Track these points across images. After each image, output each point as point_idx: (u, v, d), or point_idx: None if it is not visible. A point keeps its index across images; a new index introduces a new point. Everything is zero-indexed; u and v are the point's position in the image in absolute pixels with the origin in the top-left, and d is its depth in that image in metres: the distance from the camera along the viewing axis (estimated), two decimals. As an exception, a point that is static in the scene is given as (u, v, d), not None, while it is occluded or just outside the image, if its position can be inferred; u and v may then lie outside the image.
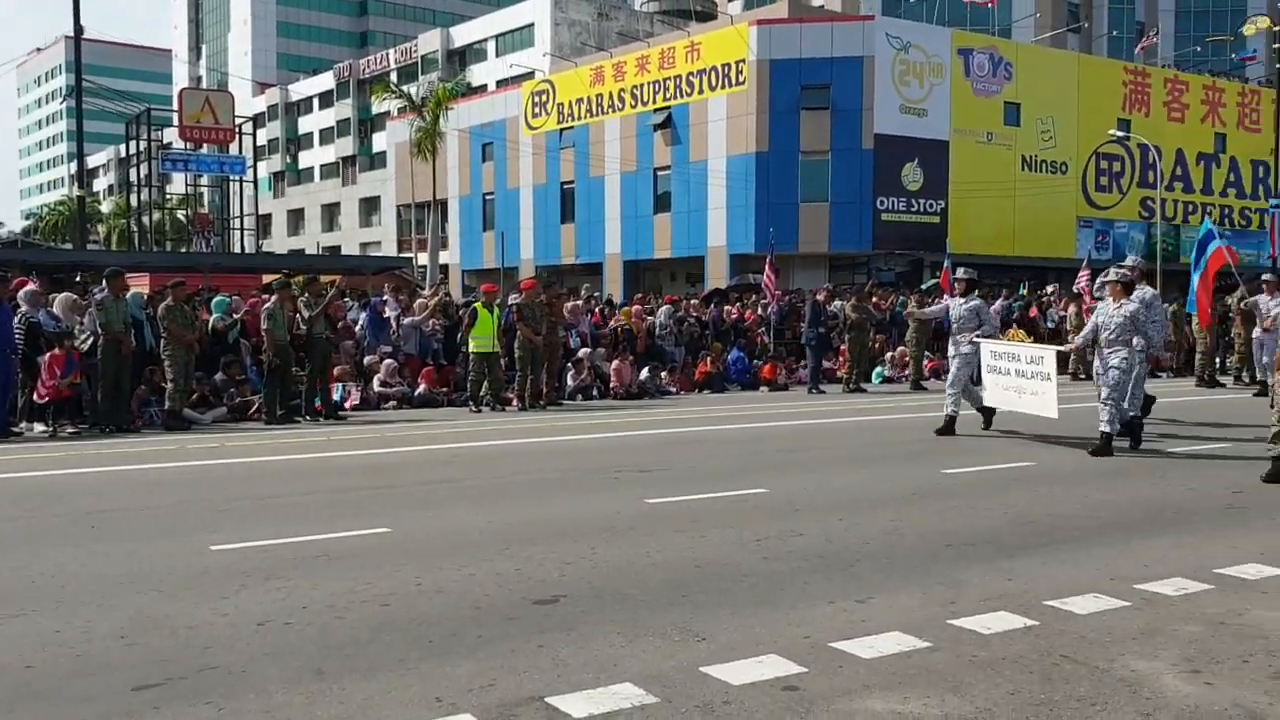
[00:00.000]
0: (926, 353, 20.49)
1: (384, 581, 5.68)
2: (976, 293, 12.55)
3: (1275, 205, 35.94)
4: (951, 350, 12.33)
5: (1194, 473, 9.44)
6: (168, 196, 59.00)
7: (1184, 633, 4.79)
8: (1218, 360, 20.45)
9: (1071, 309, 21.61)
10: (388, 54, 77.78)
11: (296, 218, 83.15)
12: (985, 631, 4.79)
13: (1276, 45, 36.76)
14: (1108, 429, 10.39)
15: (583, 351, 17.82)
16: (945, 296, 15.67)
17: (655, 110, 43.36)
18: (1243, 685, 4.15)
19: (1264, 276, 16.04)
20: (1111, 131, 41.44)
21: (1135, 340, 10.57)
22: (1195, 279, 14.68)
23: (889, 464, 10.05)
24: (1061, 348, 12.17)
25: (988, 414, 12.18)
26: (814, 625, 4.88)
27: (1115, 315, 10.55)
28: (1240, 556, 6.15)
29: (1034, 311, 24.16)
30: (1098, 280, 12.60)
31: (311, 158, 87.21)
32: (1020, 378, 11.15)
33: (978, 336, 11.94)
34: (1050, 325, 23.38)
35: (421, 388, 16.29)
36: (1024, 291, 27.64)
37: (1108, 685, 4.15)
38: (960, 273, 12.73)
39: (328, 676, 4.27)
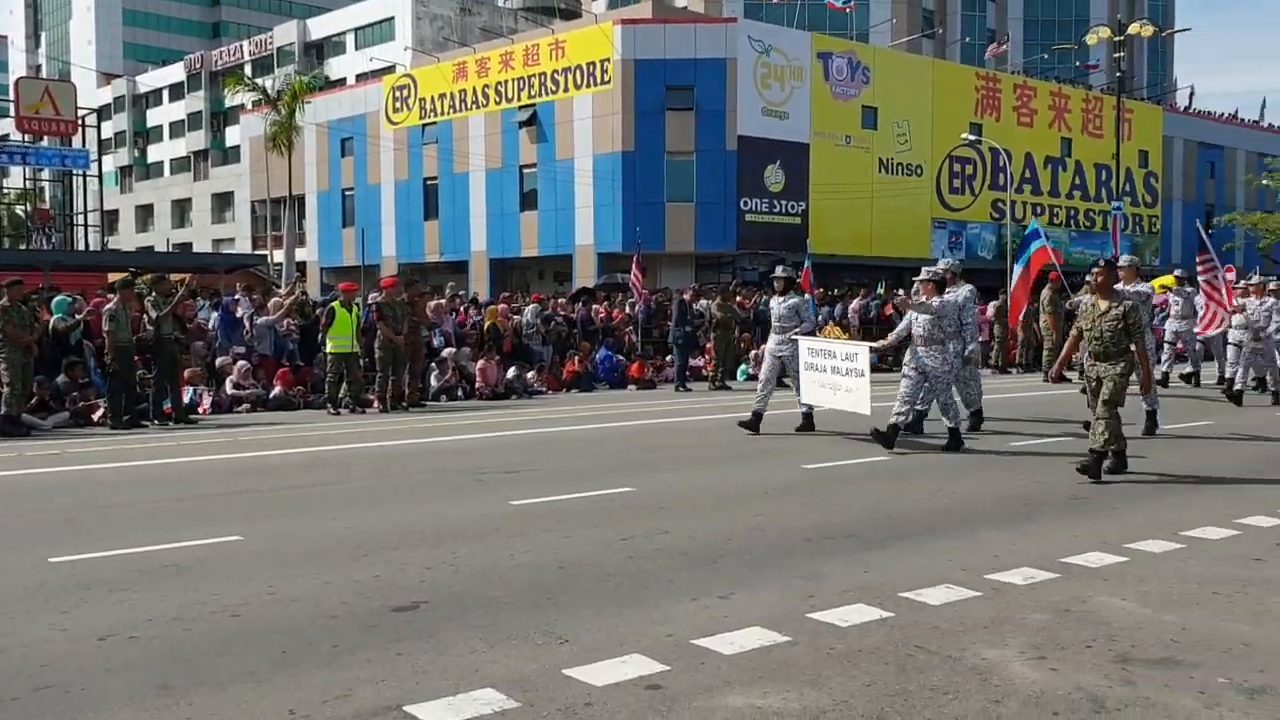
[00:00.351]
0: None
1: (235, 591, 5.48)
2: (793, 291, 12.55)
3: (1117, 208, 37.86)
4: (771, 346, 12.39)
5: (1041, 466, 9.82)
6: (5, 190, 56.05)
7: (1031, 621, 4.96)
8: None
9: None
10: (242, 45, 75.45)
11: (145, 214, 79.92)
12: (843, 624, 4.88)
13: (1117, 55, 38.55)
14: (895, 419, 10.50)
15: (447, 351, 17.56)
16: (805, 296, 15.94)
17: (520, 107, 43.08)
18: (1085, 670, 4.31)
19: (1087, 277, 16.69)
20: (964, 135, 42.92)
21: (952, 344, 10.79)
22: (1016, 276, 15.06)
23: (753, 461, 10.18)
24: (875, 344, 12.27)
25: (807, 419, 12.07)
26: (677, 623, 4.90)
27: (923, 313, 10.64)
28: (1083, 545, 6.41)
29: (889, 309, 24.85)
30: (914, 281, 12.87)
31: (161, 151, 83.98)
32: (836, 375, 11.13)
33: (796, 334, 11.94)
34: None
35: (277, 390, 15.81)
36: (881, 291, 28.41)
37: (959, 674, 4.27)
38: (779, 270, 12.81)
39: (174, 692, 4.09)
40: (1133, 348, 8.94)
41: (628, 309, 22.61)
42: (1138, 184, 52.76)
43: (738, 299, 22.14)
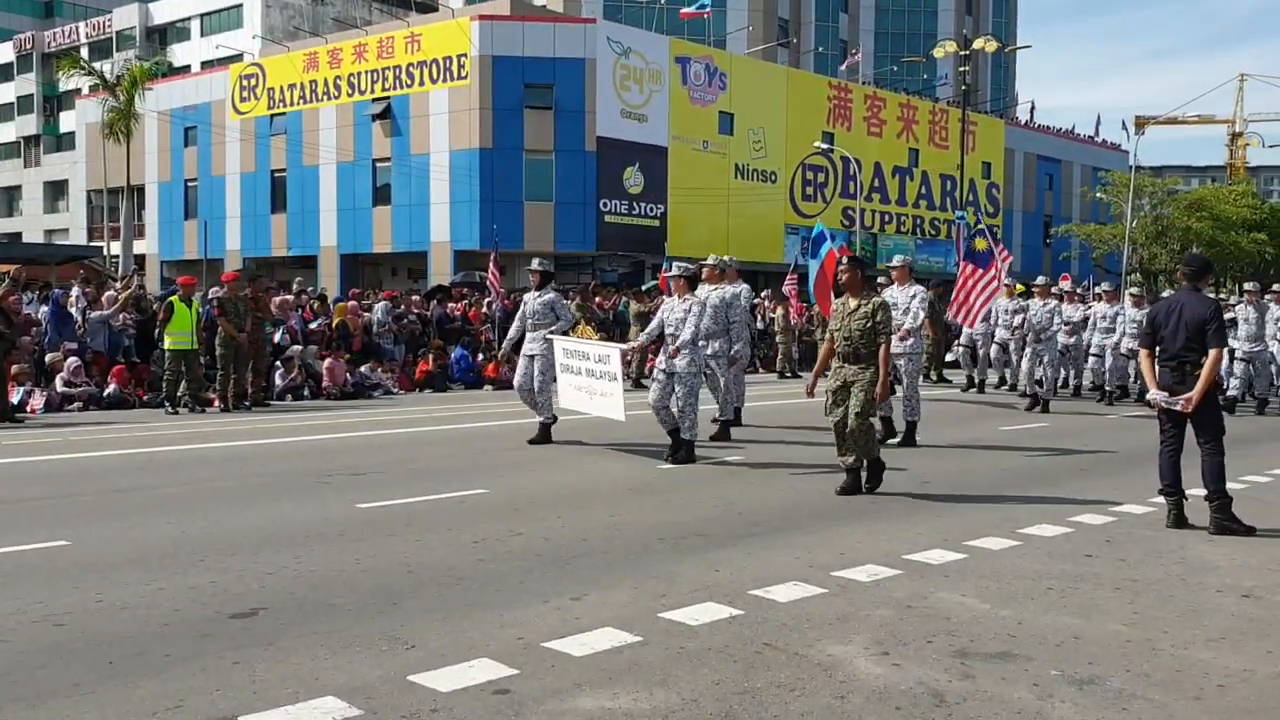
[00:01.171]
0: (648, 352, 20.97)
1: (60, 599, 5.17)
2: (552, 285, 11.44)
3: (960, 217, 39.31)
4: (525, 348, 11.17)
5: (888, 464, 10.07)
6: None
7: (875, 617, 5.07)
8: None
9: (779, 310, 22.75)
10: (78, 27, 71.76)
11: (-31, 201, 75.34)
12: (693, 623, 4.89)
13: (962, 69, 40.07)
14: (687, 436, 9.80)
15: (293, 349, 17.04)
16: (663, 297, 15.95)
17: (374, 100, 42.23)
18: (926, 664, 4.42)
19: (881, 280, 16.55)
20: (816, 144, 43.99)
21: (712, 344, 10.68)
22: (813, 280, 15.04)
23: (610, 461, 10.15)
24: (626, 345, 11.44)
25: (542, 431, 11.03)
26: (528, 626, 4.83)
27: (676, 311, 9.87)
28: (926, 542, 6.59)
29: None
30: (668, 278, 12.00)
31: (-13, 135, 79.27)
32: (590, 377, 10.26)
33: (551, 333, 10.92)
34: (760, 327, 24.47)
35: (111, 387, 15.07)
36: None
37: (805, 670, 4.32)
38: (535, 264, 11.52)
39: (-17, 711, 3.82)
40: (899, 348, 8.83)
41: (485, 308, 22.36)
42: (981, 194, 54.99)
43: (596, 299, 22.15)
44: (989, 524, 7.19)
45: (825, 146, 44.15)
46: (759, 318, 25.19)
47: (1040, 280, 17.13)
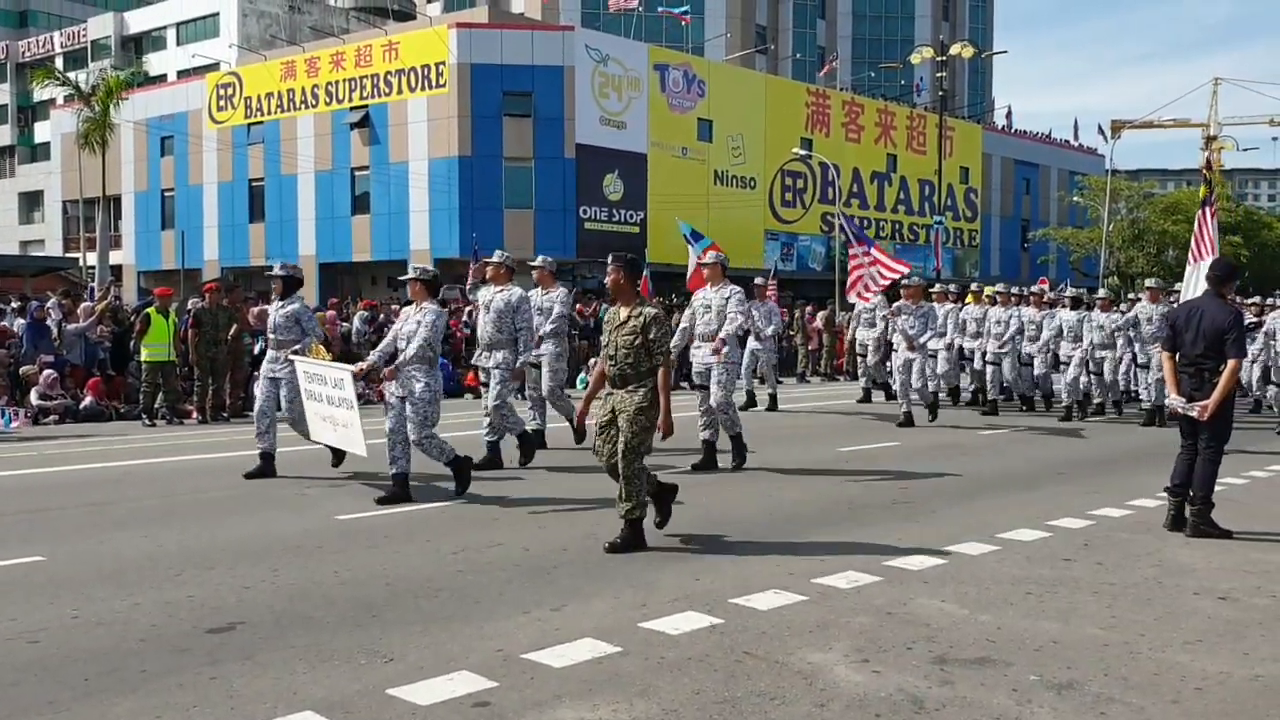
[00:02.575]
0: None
1: (34, 615, 5.13)
2: (299, 294, 9.85)
3: (939, 222, 39.51)
4: (265, 368, 9.76)
5: (866, 471, 10.10)
6: None
7: (855, 624, 5.07)
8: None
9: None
10: (52, 37, 71.29)
11: (-57, 212, 74.69)
12: (674, 632, 4.88)
13: (939, 74, 40.26)
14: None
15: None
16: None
17: (352, 108, 42.10)
18: (906, 671, 4.42)
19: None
20: (795, 150, 44.08)
21: (495, 354, 9.82)
22: (691, 271, 15.03)
23: (592, 469, 10.10)
24: (352, 367, 8.87)
25: (335, 454, 9.77)
26: (507, 637, 4.81)
27: (409, 321, 8.49)
28: (905, 549, 6.61)
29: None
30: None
31: (-39, 146, 78.63)
32: (330, 405, 8.78)
33: (293, 354, 9.36)
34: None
35: (88, 400, 14.95)
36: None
37: (786, 678, 4.32)
38: (277, 268, 9.98)
39: (-44, 731, 3.78)
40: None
41: (466, 316, 22.29)
42: (959, 199, 55.25)
43: (577, 307, 22.12)
44: (968, 529, 7.21)
45: (804, 152, 44.25)
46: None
47: (938, 286, 17.07)
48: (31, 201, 67.59)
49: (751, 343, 15.82)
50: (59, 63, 62.27)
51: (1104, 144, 49.58)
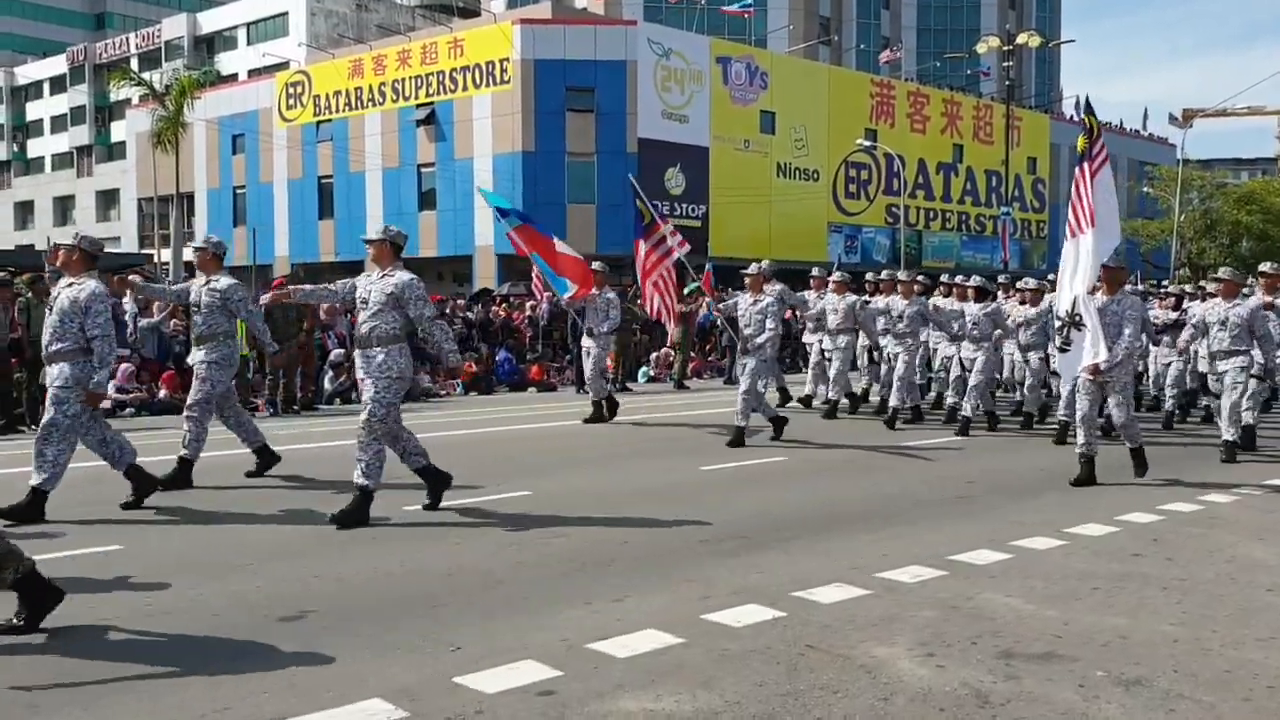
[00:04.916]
0: (690, 352, 21.10)
1: (111, 604, 5.26)
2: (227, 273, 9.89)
3: (1005, 213, 38.95)
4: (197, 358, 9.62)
5: (926, 466, 10.01)
6: None
7: (919, 618, 5.03)
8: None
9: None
10: (128, 38, 73.00)
11: (24, 210, 76.82)
12: (736, 625, 4.89)
13: (1006, 64, 39.66)
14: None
15: (336, 353, 17.22)
16: (706, 299, 15.90)
17: (418, 106, 42.55)
18: (970, 665, 4.39)
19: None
20: (859, 141, 43.70)
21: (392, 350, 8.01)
22: (541, 262, 14.36)
23: (649, 463, 10.17)
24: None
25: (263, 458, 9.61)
26: (570, 628, 4.85)
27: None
28: (971, 543, 6.54)
29: (788, 314, 25.05)
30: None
31: (42, 146, 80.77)
32: None
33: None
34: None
35: (163, 393, 15.31)
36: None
37: (849, 672, 4.30)
38: (208, 245, 9.97)
39: (42, 711, 3.93)
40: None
41: (529, 310, 22.47)
42: (1026, 190, 54.38)
43: (638, 301, 22.15)
44: (1034, 524, 7.11)
45: (868, 144, 43.85)
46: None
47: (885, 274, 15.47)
48: (108, 200, 69.38)
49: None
50: (134, 63, 63.79)
51: (1175, 133, 48.44)
